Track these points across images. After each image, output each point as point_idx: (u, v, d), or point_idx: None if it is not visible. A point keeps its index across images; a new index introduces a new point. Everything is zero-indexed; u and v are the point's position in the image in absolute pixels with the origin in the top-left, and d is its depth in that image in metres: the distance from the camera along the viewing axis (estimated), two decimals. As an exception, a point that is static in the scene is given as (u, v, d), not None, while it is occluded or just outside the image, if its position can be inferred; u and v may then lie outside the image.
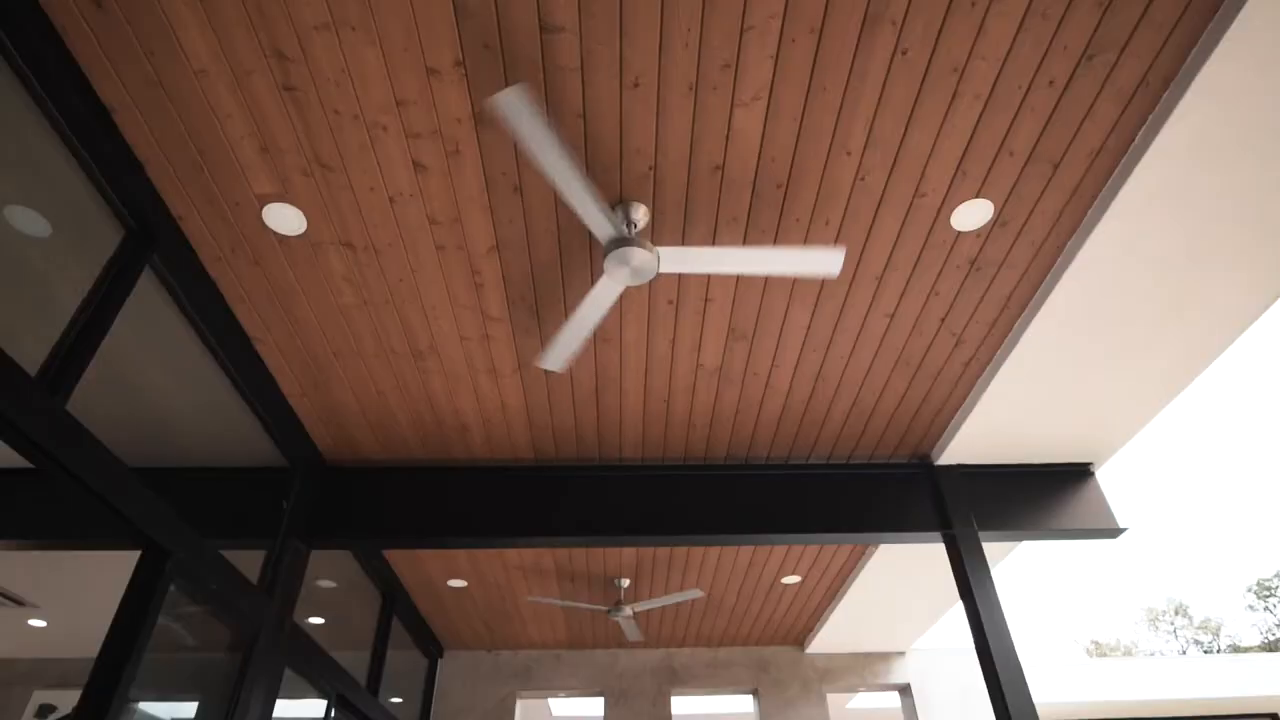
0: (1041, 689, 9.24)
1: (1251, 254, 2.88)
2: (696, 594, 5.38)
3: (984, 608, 3.68)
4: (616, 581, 5.77)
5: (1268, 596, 23.64)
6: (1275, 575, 23.41)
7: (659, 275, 3.00)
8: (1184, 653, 25.99)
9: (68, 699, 6.59)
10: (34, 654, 6.58)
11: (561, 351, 3.01)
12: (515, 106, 2.05)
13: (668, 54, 2.26)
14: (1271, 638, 22.76)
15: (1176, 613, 26.59)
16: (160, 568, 2.72)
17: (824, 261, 2.55)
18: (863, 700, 8.65)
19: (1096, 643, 28.16)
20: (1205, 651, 25.50)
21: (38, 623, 6.01)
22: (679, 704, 8.51)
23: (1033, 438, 4.01)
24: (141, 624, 2.61)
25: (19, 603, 5.63)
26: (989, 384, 3.58)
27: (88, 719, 2.39)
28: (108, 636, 2.55)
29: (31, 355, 2.30)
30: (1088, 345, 3.34)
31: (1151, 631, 27.27)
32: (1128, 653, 26.77)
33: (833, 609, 6.15)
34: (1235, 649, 23.64)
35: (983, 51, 2.29)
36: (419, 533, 4.06)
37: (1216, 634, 25.34)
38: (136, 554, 2.83)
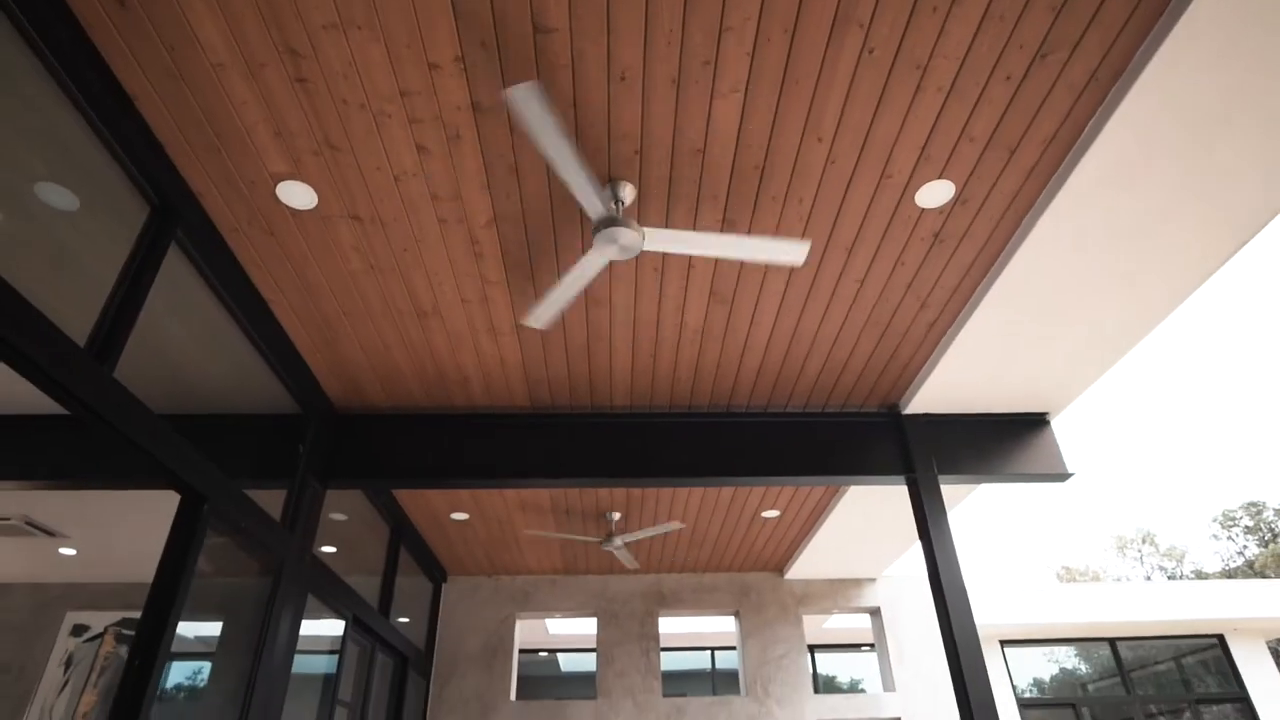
0: (1011, 610, 9.96)
1: (1192, 230, 3.12)
2: (678, 526, 5.79)
3: (938, 544, 4.08)
4: (608, 515, 6.19)
5: (1231, 526, 24.83)
6: (1239, 507, 24.55)
7: (644, 252, 3.22)
8: (1148, 578, 27.38)
9: (98, 619, 7.09)
10: (65, 579, 7.05)
11: (547, 312, 3.23)
12: (526, 101, 2.25)
13: (652, 51, 2.44)
14: (1231, 565, 24.03)
15: (1144, 541, 27.92)
16: (198, 512, 3.05)
17: (790, 252, 2.79)
18: (837, 620, 9.30)
19: (1067, 568, 29.60)
20: (1169, 577, 26.88)
21: (67, 551, 6.43)
22: (666, 624, 9.12)
23: (992, 390, 4.32)
24: (184, 563, 2.96)
25: (50, 533, 6.03)
26: (952, 343, 3.87)
27: (144, 646, 2.76)
28: (156, 575, 2.90)
29: (69, 321, 2.54)
30: (1043, 309, 3.61)
31: (1119, 558, 28.69)
32: (1095, 578, 28.22)
33: (809, 540, 6.61)
34: (1198, 575, 24.95)
35: (944, 50, 2.47)
36: (424, 474, 4.40)
37: (1180, 561, 26.72)
38: (161, 492, 3.15)
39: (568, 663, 11.03)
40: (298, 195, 2.94)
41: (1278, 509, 23.66)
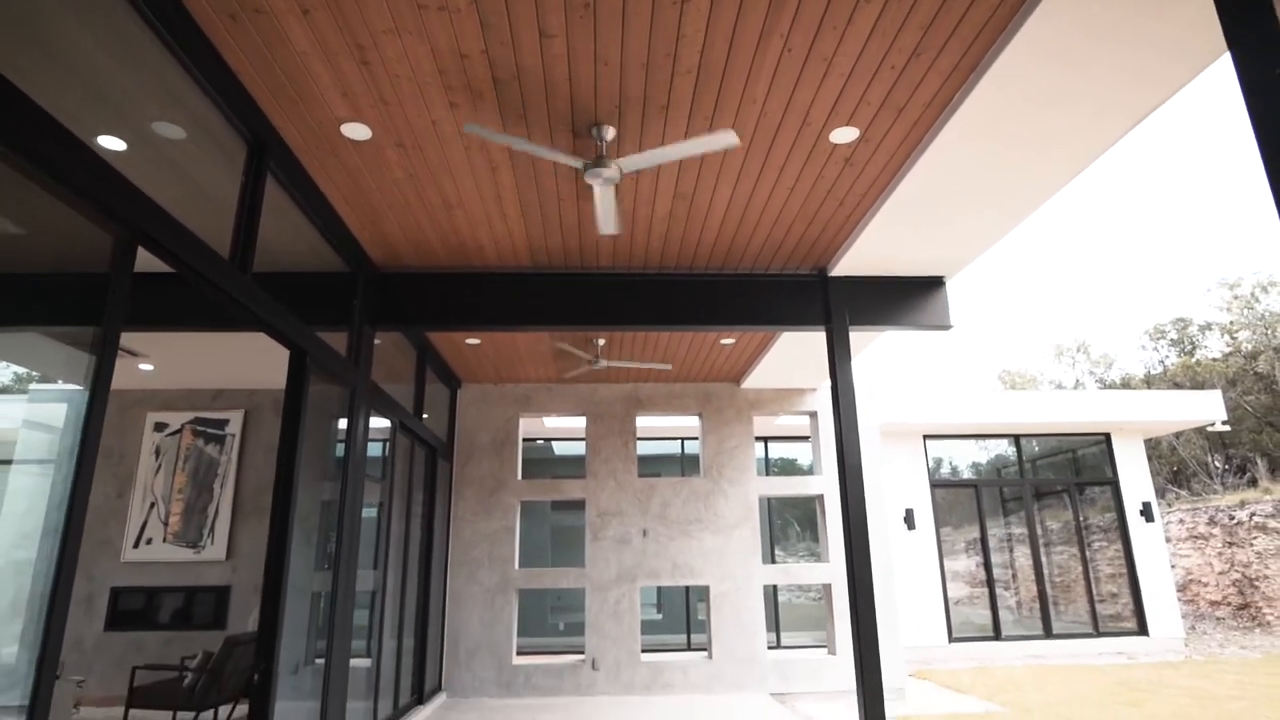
0: (933, 411, 11.90)
1: (1030, 170, 4.12)
2: (667, 367, 7.14)
3: (841, 377, 5.47)
4: (594, 342, 7.53)
5: (1159, 339, 27.25)
6: (1169, 322, 26.78)
7: (623, 176, 4.18)
8: (1078, 383, 30.38)
9: (174, 418, 8.63)
10: (143, 387, 8.48)
11: (606, 224, 4.29)
12: (484, 133, 3.22)
13: (627, 48, 3.28)
14: (1153, 373, 26.75)
15: (1078, 350, 30.58)
16: (303, 362, 4.30)
17: (723, 140, 3.55)
18: (784, 420, 11.15)
19: (1007, 371, 32.56)
20: (1097, 382, 29.84)
21: (145, 366, 7.78)
22: (642, 421, 10.92)
23: (898, 260, 5.47)
24: (300, 398, 4.26)
25: (133, 354, 7.32)
26: (863, 230, 4.95)
27: (287, 450, 4.14)
28: (284, 406, 4.21)
29: (210, 234, 3.56)
30: (934, 207, 4.66)
31: (1056, 363, 31.55)
32: (1031, 382, 31.18)
33: (760, 360, 8.07)
34: (1124, 382, 27.83)
35: (844, 50, 3.33)
36: (448, 319, 5.62)
37: (1109, 368, 29.58)
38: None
39: (561, 449, 13.07)
40: (357, 131, 3.84)
41: (1201, 325, 25.87)
